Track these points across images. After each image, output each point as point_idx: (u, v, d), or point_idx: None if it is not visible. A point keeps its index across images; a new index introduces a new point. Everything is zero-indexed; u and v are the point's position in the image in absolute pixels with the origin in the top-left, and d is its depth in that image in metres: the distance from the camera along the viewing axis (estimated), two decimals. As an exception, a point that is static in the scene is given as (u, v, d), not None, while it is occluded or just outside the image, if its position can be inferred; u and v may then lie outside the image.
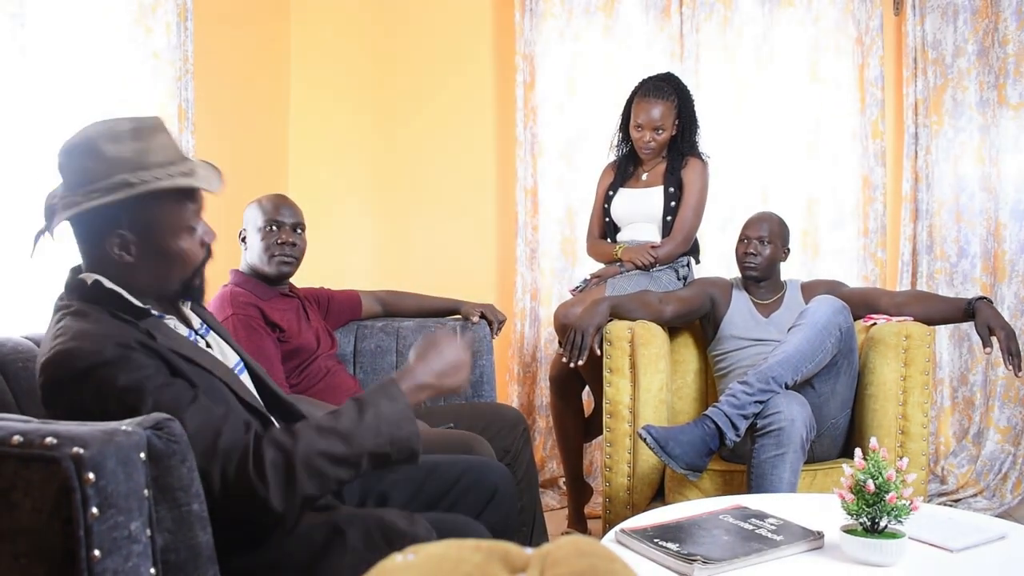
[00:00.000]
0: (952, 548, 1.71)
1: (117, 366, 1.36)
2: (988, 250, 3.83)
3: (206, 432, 1.37)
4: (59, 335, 1.41)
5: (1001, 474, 3.74)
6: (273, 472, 1.37)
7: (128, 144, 1.46)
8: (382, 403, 1.48)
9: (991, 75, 3.80)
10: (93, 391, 1.36)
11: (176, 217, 1.52)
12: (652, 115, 3.18)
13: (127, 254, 1.49)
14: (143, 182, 1.43)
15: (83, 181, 1.44)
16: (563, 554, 0.66)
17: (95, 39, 2.59)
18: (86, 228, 1.49)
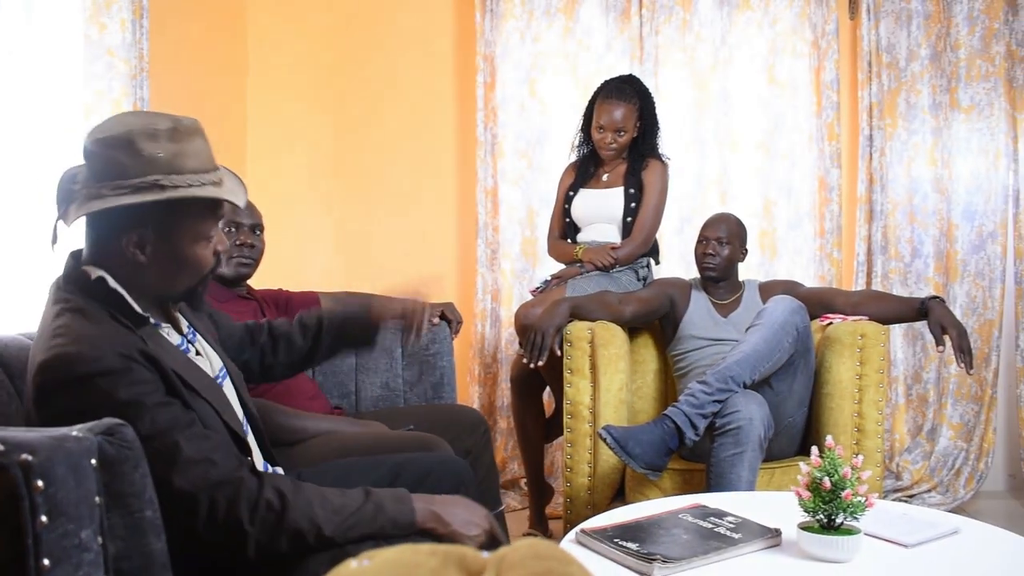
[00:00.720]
0: (907, 543, 1.74)
1: (118, 377, 1.34)
2: (941, 250, 3.90)
3: (201, 459, 1.36)
4: (58, 334, 1.37)
5: (954, 470, 3.81)
6: (263, 518, 1.37)
7: (165, 144, 1.43)
8: (387, 502, 1.47)
9: (943, 79, 3.87)
10: (90, 399, 1.32)
11: (199, 225, 1.50)
12: (614, 117, 3.19)
13: (141, 253, 1.46)
14: (175, 187, 1.41)
15: (114, 175, 1.41)
16: (519, 557, 0.66)
17: (48, 36, 2.54)
18: (105, 221, 1.45)
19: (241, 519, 1.35)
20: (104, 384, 1.33)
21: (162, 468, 1.31)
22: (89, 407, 1.29)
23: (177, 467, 1.34)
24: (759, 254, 3.92)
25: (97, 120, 2.66)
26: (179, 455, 1.34)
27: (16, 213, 2.43)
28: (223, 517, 1.35)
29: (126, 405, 1.32)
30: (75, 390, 1.34)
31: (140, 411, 1.34)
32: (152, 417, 1.34)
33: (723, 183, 3.94)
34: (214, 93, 3.80)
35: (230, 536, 1.36)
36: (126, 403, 1.33)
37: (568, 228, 3.38)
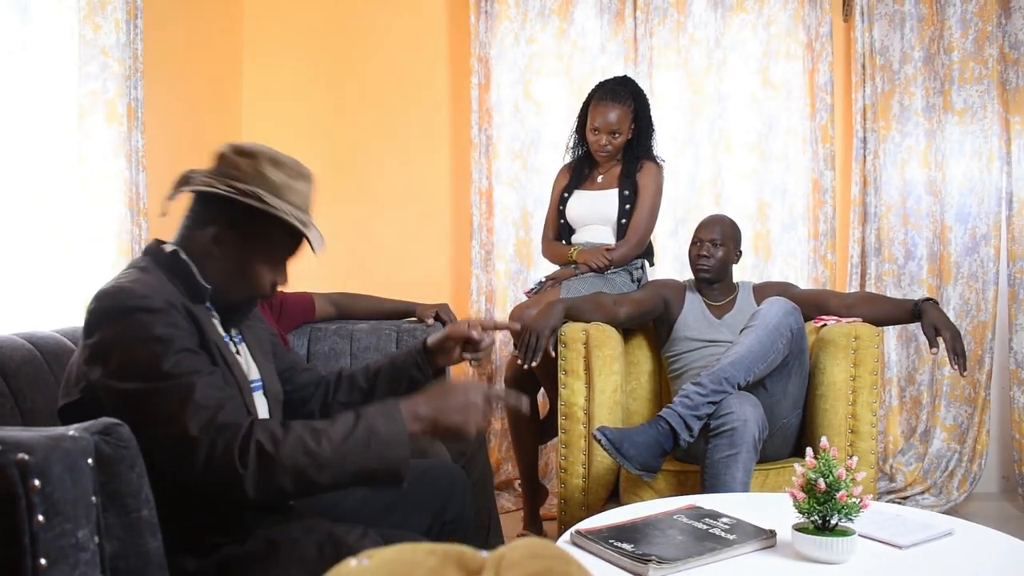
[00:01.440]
0: (901, 545, 1.75)
1: (158, 316, 1.44)
2: (934, 252, 3.91)
3: (210, 403, 1.40)
4: (121, 277, 1.52)
5: (947, 471, 3.82)
6: (256, 458, 1.38)
7: (280, 173, 1.61)
8: (379, 421, 1.47)
9: (936, 81, 3.88)
10: (129, 330, 1.42)
11: (272, 249, 1.63)
12: (609, 119, 3.19)
13: (217, 247, 1.59)
14: (270, 206, 1.56)
15: (230, 175, 1.58)
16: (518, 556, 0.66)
17: (43, 36, 2.53)
18: (203, 207, 1.61)
19: (234, 461, 1.37)
20: (144, 318, 1.43)
21: (174, 407, 1.38)
22: (127, 337, 1.42)
23: (189, 407, 1.39)
24: (753, 256, 3.93)
25: (91, 120, 2.68)
26: (192, 396, 1.39)
27: (11, 213, 2.43)
28: (218, 458, 1.37)
29: (157, 340, 1.42)
30: (118, 319, 1.43)
31: (168, 348, 1.42)
32: (178, 358, 1.42)
33: (717, 185, 3.95)
34: (208, 94, 3.79)
35: (227, 478, 1.38)
36: (157, 338, 1.42)
37: (562, 229, 3.38)
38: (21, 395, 1.69)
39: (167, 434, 1.38)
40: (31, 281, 2.48)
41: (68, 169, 2.63)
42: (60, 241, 2.59)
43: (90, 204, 2.69)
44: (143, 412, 1.38)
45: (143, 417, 1.37)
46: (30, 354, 1.78)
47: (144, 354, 1.40)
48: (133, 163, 2.81)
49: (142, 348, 1.41)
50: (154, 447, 1.37)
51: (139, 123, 2.85)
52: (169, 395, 1.38)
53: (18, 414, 1.67)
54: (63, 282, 2.59)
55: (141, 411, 1.38)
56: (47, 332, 1.94)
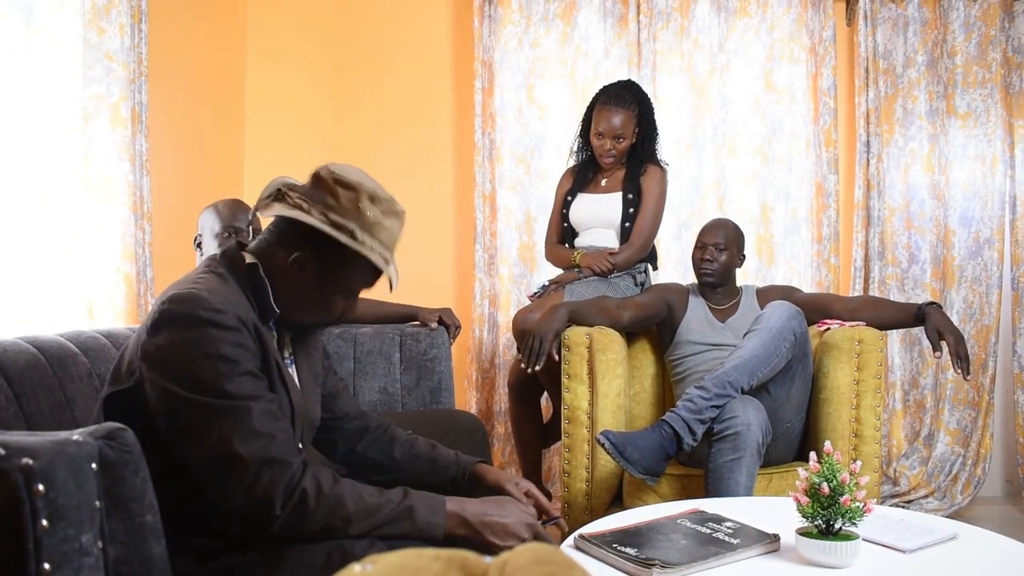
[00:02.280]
0: (905, 549, 1.74)
1: (229, 334, 1.44)
2: (938, 256, 3.91)
3: (263, 431, 1.41)
4: (197, 282, 1.50)
5: (951, 475, 3.81)
6: (296, 505, 1.40)
7: (376, 210, 1.60)
8: (422, 509, 1.49)
9: (940, 85, 3.88)
10: (198, 341, 1.41)
11: (352, 282, 1.63)
12: (613, 123, 3.19)
13: (295, 272, 1.58)
14: (361, 243, 1.56)
15: (326, 203, 1.57)
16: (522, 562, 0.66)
17: (47, 40, 2.54)
18: (290, 228, 1.60)
19: (274, 502, 1.38)
20: (214, 333, 1.42)
21: (228, 428, 1.39)
22: (193, 348, 1.41)
23: (241, 431, 1.39)
24: (756, 260, 3.93)
25: (96, 124, 2.68)
26: (248, 421, 1.40)
27: (16, 216, 2.43)
28: (260, 494, 1.39)
29: (223, 359, 1.41)
30: (190, 327, 1.42)
31: (233, 369, 1.42)
32: (240, 380, 1.42)
33: (720, 188, 3.95)
34: (212, 98, 3.80)
35: (260, 514, 1.40)
36: (224, 356, 1.42)
37: (566, 233, 3.39)
38: (25, 399, 1.69)
39: (215, 452, 1.39)
40: (35, 284, 2.49)
41: (72, 172, 2.63)
42: (64, 244, 2.59)
43: (94, 207, 2.69)
44: (195, 424, 1.40)
45: (194, 428, 1.39)
46: (34, 358, 1.78)
47: (208, 369, 1.40)
48: (137, 167, 2.82)
49: (207, 363, 1.40)
50: (196, 460, 1.40)
51: (143, 127, 2.85)
52: (225, 414, 1.39)
53: (22, 418, 1.67)
54: (67, 285, 2.60)
55: (193, 422, 1.40)
56: (51, 336, 1.94)
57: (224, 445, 1.38)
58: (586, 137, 3.34)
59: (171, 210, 3.18)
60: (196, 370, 1.40)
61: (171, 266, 2.99)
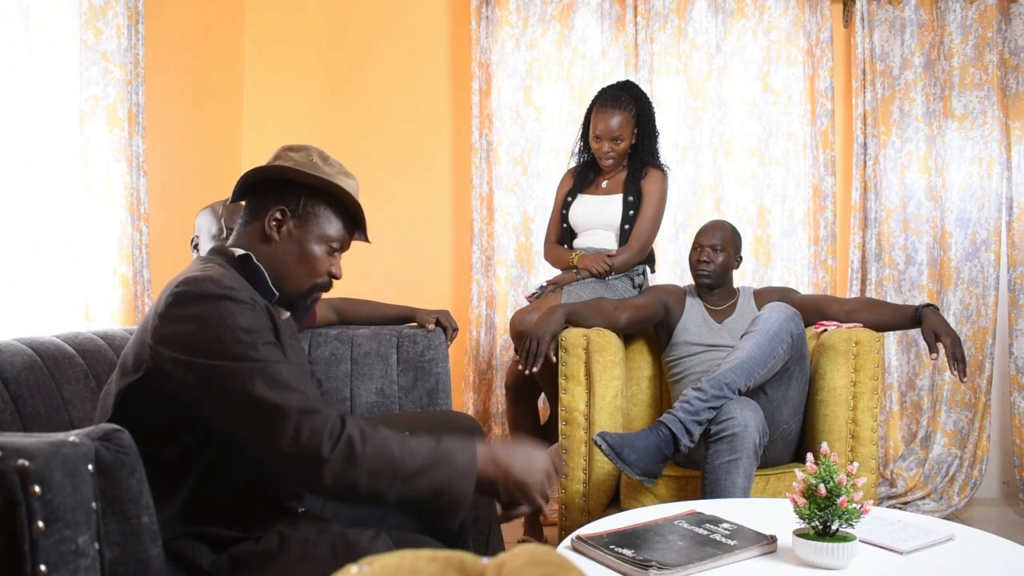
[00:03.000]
0: (902, 550, 1.74)
1: (245, 308, 1.48)
2: (934, 258, 3.91)
3: (297, 387, 1.43)
4: (205, 269, 1.54)
5: (948, 477, 3.81)
6: (344, 448, 1.40)
7: (329, 167, 1.69)
8: (457, 451, 1.48)
9: (937, 87, 3.89)
10: (217, 315, 1.45)
11: (329, 227, 1.69)
12: (610, 125, 3.19)
13: (277, 231, 1.65)
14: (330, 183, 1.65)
15: (300, 163, 1.66)
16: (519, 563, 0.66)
17: (44, 41, 2.54)
18: (258, 198, 1.67)
19: (321, 447, 1.39)
20: (232, 307, 1.46)
21: (262, 385, 1.41)
22: (214, 322, 1.44)
23: (276, 386, 1.41)
24: (753, 261, 3.93)
25: (93, 125, 2.68)
26: (279, 377, 1.42)
27: (12, 217, 2.43)
28: (305, 441, 1.39)
29: (245, 330, 1.45)
30: (206, 304, 1.45)
31: (257, 338, 1.45)
32: (266, 348, 1.46)
33: (717, 190, 3.95)
34: (209, 100, 3.80)
35: (309, 461, 1.40)
36: (245, 328, 1.45)
37: (565, 234, 3.39)
38: (21, 400, 1.69)
39: (255, 409, 1.40)
40: (32, 285, 2.48)
41: (69, 174, 2.63)
42: (61, 245, 2.59)
43: (91, 209, 2.69)
44: (229, 388, 1.41)
45: (229, 393, 1.41)
46: (30, 359, 1.78)
47: (232, 340, 1.43)
48: (134, 168, 2.82)
49: (230, 334, 1.43)
50: (237, 424, 1.42)
51: (140, 128, 2.85)
52: (256, 374, 1.41)
53: (18, 420, 1.67)
54: (64, 287, 2.59)
55: (227, 387, 1.41)
56: (48, 337, 1.94)
57: (263, 401, 1.40)
58: (586, 140, 3.35)
59: (168, 211, 3.18)
60: (221, 342, 1.42)
61: (168, 267, 2.98)
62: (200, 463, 1.50)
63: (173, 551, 1.45)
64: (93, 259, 2.69)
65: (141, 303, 2.82)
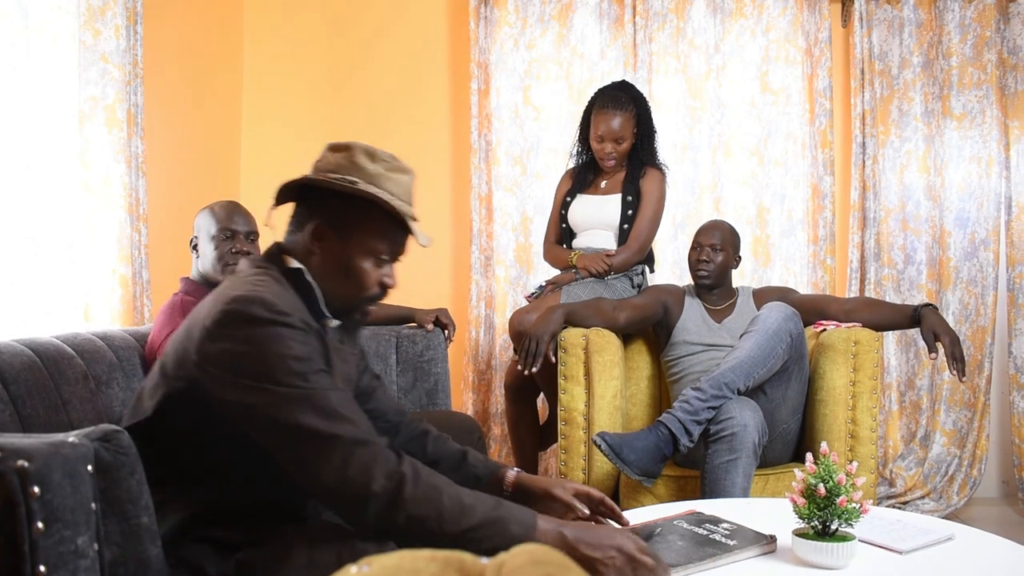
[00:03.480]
0: (901, 550, 1.74)
1: (298, 334, 1.42)
2: (933, 257, 3.91)
3: (349, 416, 1.40)
4: (259, 284, 1.47)
5: (947, 476, 3.81)
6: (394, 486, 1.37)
7: (377, 164, 1.57)
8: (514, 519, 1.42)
9: (935, 86, 3.89)
10: (268, 340, 1.39)
11: (373, 240, 1.58)
12: (612, 126, 3.19)
13: (317, 244, 1.57)
14: (361, 190, 1.53)
15: (325, 168, 1.57)
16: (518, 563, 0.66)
17: (43, 42, 2.54)
18: (302, 208, 1.60)
19: (371, 481, 1.36)
20: (285, 333, 1.41)
21: (312, 413, 1.37)
22: (264, 346, 1.39)
23: (325, 415, 1.38)
24: (752, 261, 3.93)
25: (91, 126, 2.68)
26: (330, 405, 1.39)
27: (12, 218, 2.43)
28: (353, 473, 1.36)
29: (296, 358, 1.40)
30: (258, 327, 1.40)
31: (307, 367, 1.40)
32: (317, 376, 1.41)
33: (716, 190, 3.95)
34: (208, 100, 3.80)
35: (355, 494, 1.37)
36: (298, 356, 1.40)
37: (564, 234, 3.39)
38: (20, 401, 1.69)
39: (303, 436, 1.36)
40: (31, 286, 2.48)
41: (68, 174, 2.63)
42: (60, 246, 2.59)
43: (90, 209, 2.69)
44: (278, 414, 1.38)
45: (277, 419, 1.37)
46: (30, 360, 1.78)
47: (281, 367, 1.38)
48: (133, 168, 2.82)
49: (280, 361, 1.38)
50: (282, 448, 1.38)
51: (139, 128, 2.85)
52: (305, 402, 1.38)
53: (18, 420, 1.67)
54: (63, 287, 2.59)
55: (276, 413, 1.38)
56: (47, 338, 1.94)
57: (310, 430, 1.36)
58: (585, 140, 3.34)
59: (167, 212, 3.17)
60: (270, 368, 1.38)
61: (167, 268, 2.98)
62: (220, 473, 1.49)
63: (180, 556, 1.43)
64: (92, 260, 2.69)
65: (140, 304, 2.82)
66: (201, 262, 2.45)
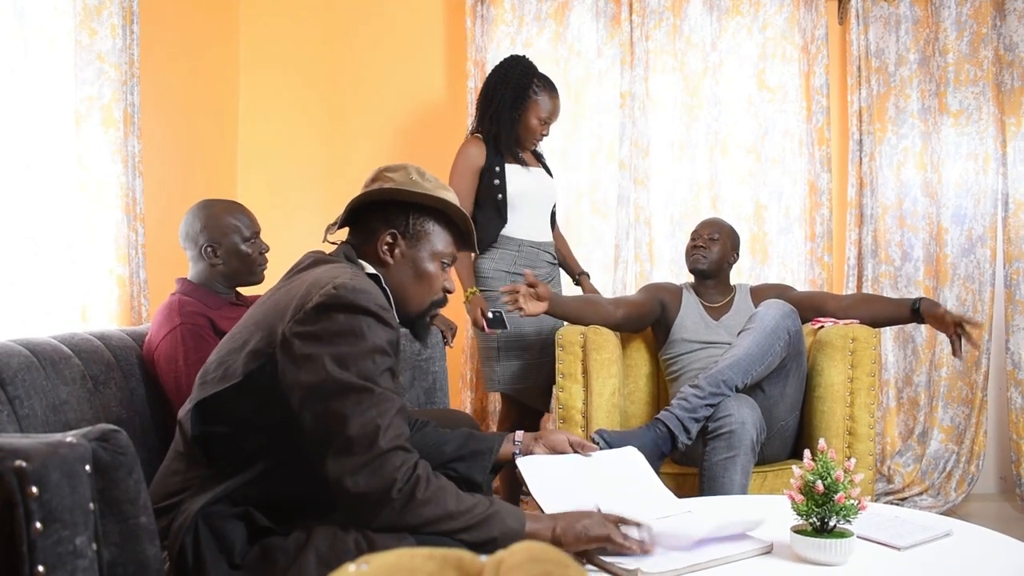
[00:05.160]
0: (899, 546, 1.75)
1: (388, 329, 1.52)
2: (931, 254, 3.92)
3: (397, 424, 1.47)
4: (355, 277, 1.57)
5: (945, 472, 3.82)
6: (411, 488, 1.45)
7: (428, 182, 1.74)
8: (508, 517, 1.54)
9: (932, 83, 3.89)
10: (359, 327, 1.48)
11: (440, 245, 1.74)
12: (554, 109, 3.17)
13: (391, 254, 1.71)
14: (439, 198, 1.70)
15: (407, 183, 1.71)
16: (517, 560, 0.66)
17: (39, 42, 2.53)
18: (372, 219, 1.72)
19: (395, 483, 1.43)
20: (374, 324, 1.50)
21: (373, 414, 1.45)
22: (353, 334, 1.48)
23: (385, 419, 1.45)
24: (750, 258, 3.93)
25: (88, 126, 2.67)
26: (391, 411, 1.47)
27: (9, 218, 2.42)
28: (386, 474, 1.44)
29: (381, 351, 1.49)
30: (353, 314, 1.49)
31: (384, 363, 1.50)
32: (387, 376, 1.50)
33: (713, 188, 3.96)
34: (204, 99, 3.79)
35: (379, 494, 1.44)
36: (382, 349, 1.50)
37: (492, 208, 3.10)
38: (18, 401, 1.69)
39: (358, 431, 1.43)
40: (28, 286, 2.48)
41: (65, 175, 2.63)
42: (57, 246, 2.59)
43: (87, 209, 2.69)
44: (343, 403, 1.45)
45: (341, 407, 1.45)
46: (27, 360, 1.77)
47: (367, 358, 1.47)
48: (130, 168, 2.81)
49: (368, 352, 1.47)
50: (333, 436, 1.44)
51: (135, 128, 2.85)
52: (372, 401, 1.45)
53: (15, 420, 1.67)
54: (60, 287, 2.59)
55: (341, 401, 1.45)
56: (45, 338, 1.93)
57: (367, 427, 1.44)
58: (510, 115, 3.14)
59: (164, 212, 3.17)
60: (356, 355, 1.46)
61: (164, 268, 2.98)
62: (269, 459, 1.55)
63: (215, 526, 1.49)
64: (89, 260, 2.69)
65: (137, 304, 2.82)
66: (226, 264, 2.41)
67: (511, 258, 3.11)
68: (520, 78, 3.17)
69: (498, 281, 3.08)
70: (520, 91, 3.16)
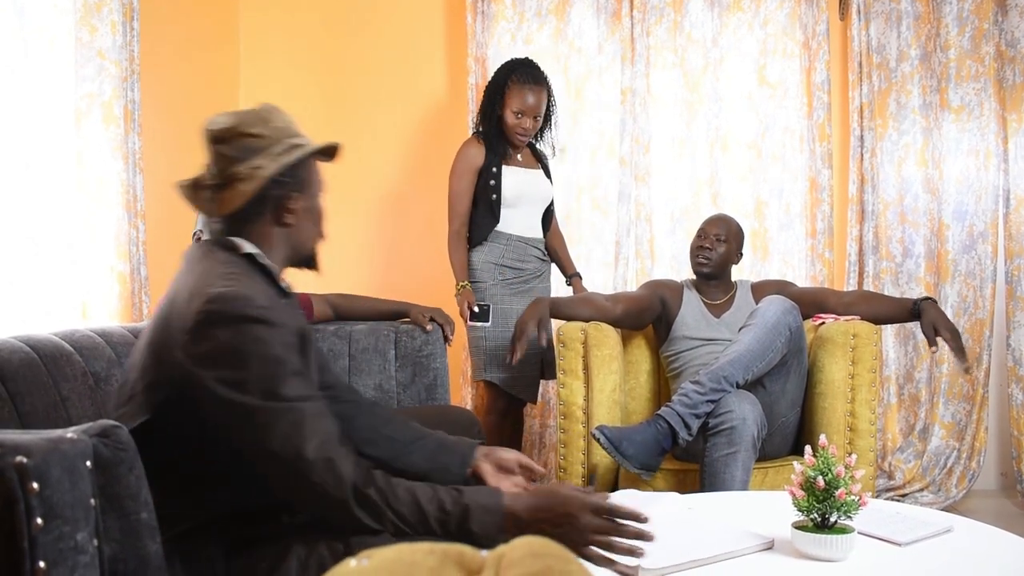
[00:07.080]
0: (900, 542, 1.75)
1: (276, 331, 1.42)
2: (932, 250, 3.92)
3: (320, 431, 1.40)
4: (231, 278, 1.46)
5: (946, 469, 3.82)
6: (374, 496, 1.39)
7: (278, 119, 1.60)
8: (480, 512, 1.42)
9: (933, 79, 3.88)
10: (248, 341, 1.39)
11: (319, 177, 1.68)
12: (535, 101, 3.15)
13: (291, 215, 1.59)
14: (306, 144, 1.60)
15: (258, 149, 1.55)
16: (518, 555, 0.66)
17: (39, 38, 2.53)
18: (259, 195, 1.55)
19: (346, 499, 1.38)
20: (265, 333, 1.41)
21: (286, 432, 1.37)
22: (244, 348, 1.39)
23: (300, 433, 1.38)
24: (751, 255, 3.93)
25: (88, 123, 2.67)
26: (304, 423, 1.38)
27: (9, 215, 2.42)
28: (332, 492, 1.38)
29: (276, 360, 1.40)
30: (239, 327, 1.40)
31: (284, 370, 1.40)
32: (292, 382, 1.41)
33: (714, 184, 3.95)
34: (205, 96, 3.79)
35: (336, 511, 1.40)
36: (276, 358, 1.40)
37: (486, 208, 3.18)
38: (19, 398, 1.69)
39: (278, 456, 1.37)
40: (29, 283, 2.48)
41: (65, 171, 2.63)
42: (58, 243, 2.59)
43: (87, 206, 2.69)
44: (252, 428, 1.38)
45: (253, 433, 1.38)
46: (28, 357, 1.77)
47: (260, 372, 1.38)
48: (130, 165, 2.81)
49: (260, 365, 1.39)
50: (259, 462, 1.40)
51: (136, 125, 2.85)
52: (282, 418, 1.37)
53: (16, 417, 1.67)
54: (61, 284, 2.59)
55: (251, 426, 1.38)
56: (45, 335, 1.93)
57: (286, 449, 1.37)
58: (493, 111, 3.19)
59: (165, 208, 3.16)
60: (250, 372, 1.38)
61: (165, 264, 2.97)
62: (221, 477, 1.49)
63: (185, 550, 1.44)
64: (90, 257, 2.69)
65: (138, 300, 2.82)
66: None
67: (500, 251, 3.18)
68: (499, 74, 3.22)
69: (487, 273, 3.17)
70: (497, 87, 3.20)
